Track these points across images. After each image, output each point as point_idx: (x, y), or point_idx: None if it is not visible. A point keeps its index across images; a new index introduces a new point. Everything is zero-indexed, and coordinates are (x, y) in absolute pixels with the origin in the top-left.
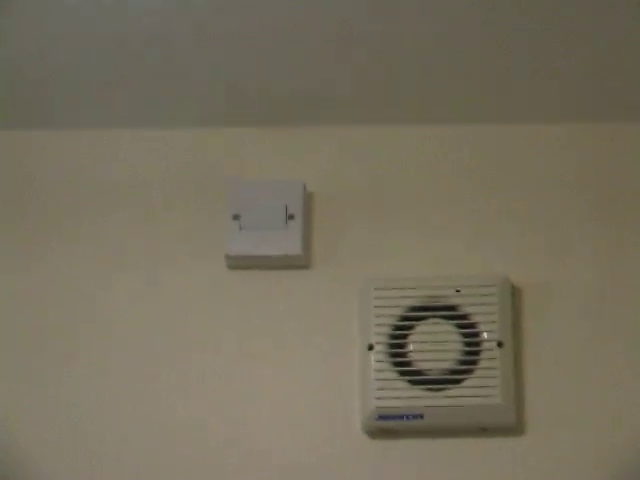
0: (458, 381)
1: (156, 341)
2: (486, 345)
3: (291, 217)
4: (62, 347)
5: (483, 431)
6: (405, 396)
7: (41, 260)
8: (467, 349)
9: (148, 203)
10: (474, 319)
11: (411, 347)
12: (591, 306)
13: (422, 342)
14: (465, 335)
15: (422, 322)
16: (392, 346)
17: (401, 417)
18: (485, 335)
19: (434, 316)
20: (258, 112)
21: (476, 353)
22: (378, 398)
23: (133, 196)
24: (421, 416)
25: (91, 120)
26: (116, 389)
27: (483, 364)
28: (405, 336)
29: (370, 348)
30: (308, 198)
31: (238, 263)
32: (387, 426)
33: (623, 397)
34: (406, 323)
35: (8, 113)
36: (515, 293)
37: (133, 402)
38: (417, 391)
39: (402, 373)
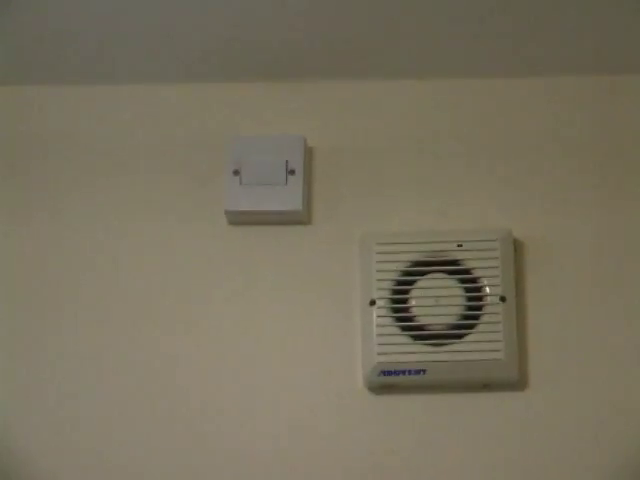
0: (460, 336)
1: (155, 296)
2: (488, 300)
3: (292, 172)
4: (61, 301)
5: (486, 386)
6: (407, 351)
7: (38, 218)
8: (469, 304)
9: (146, 158)
10: (476, 274)
11: (413, 302)
12: (593, 260)
13: (424, 297)
14: (467, 290)
15: (424, 277)
16: (394, 301)
17: (403, 372)
18: (487, 290)
19: (436, 271)
20: (258, 67)
21: (478, 308)
22: (380, 353)
23: (130, 151)
24: (423, 371)
25: (88, 76)
26: (114, 345)
27: (485, 319)
28: (407, 291)
29: (372, 303)
30: (309, 153)
31: (238, 218)
32: (389, 381)
33: (626, 353)
34: (408, 278)
35: (8, 69)
36: (517, 247)
37: (131, 356)
38: (419, 346)
39: (404, 328)
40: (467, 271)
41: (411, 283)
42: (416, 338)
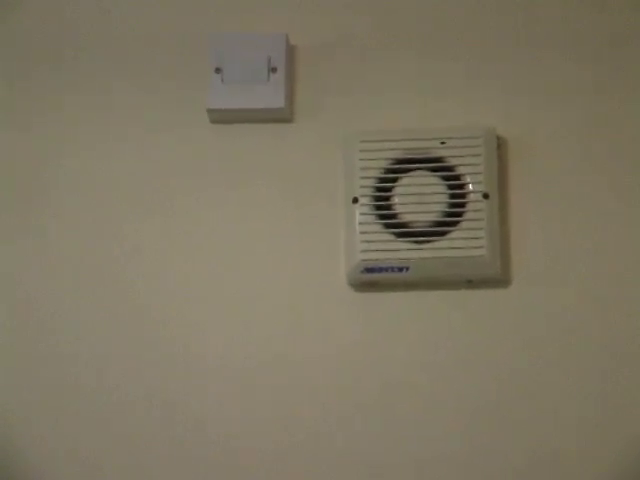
0: (444, 233)
1: (137, 195)
2: (472, 197)
3: (274, 70)
4: (41, 203)
5: (469, 283)
6: (390, 248)
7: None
8: (452, 201)
9: (126, 58)
10: (459, 171)
11: (396, 200)
12: (577, 157)
13: (407, 194)
14: (450, 187)
15: (407, 174)
16: (377, 199)
17: (386, 269)
18: (471, 187)
19: (419, 168)
20: None
21: (462, 205)
22: (363, 251)
23: (112, 51)
24: (407, 268)
25: None
26: (97, 245)
27: (469, 216)
28: (390, 189)
29: (355, 201)
30: (291, 51)
31: (220, 117)
32: (372, 279)
33: (607, 250)
34: (391, 175)
35: None
36: (501, 144)
37: (108, 260)
38: (402, 243)
39: (387, 226)
40: (450, 168)
41: (394, 181)
42: (399, 235)
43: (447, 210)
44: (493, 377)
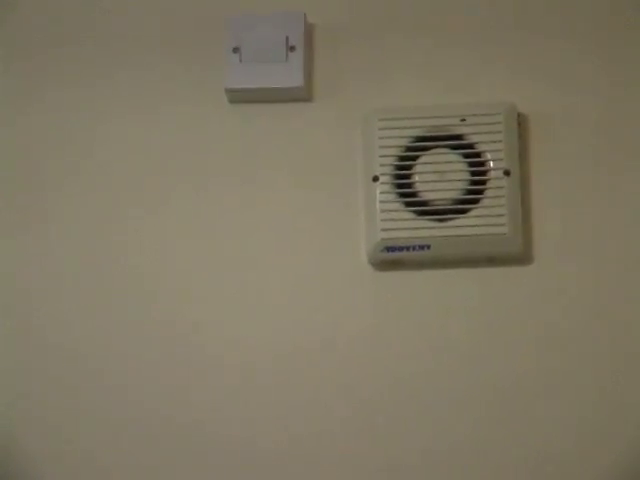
0: (465, 211)
1: (156, 174)
2: (493, 174)
3: (292, 49)
4: (59, 191)
5: (490, 261)
6: (411, 227)
7: (37, 105)
8: (473, 178)
9: (144, 38)
10: (480, 148)
11: (417, 178)
12: (598, 133)
13: (428, 172)
14: (471, 164)
15: (427, 152)
16: (397, 177)
17: (407, 248)
18: (491, 164)
19: (439, 146)
20: None
21: (482, 182)
22: (384, 229)
23: (128, 30)
24: (427, 247)
25: None
26: (99, 235)
27: (490, 193)
28: (410, 167)
29: (375, 180)
30: (309, 29)
31: (239, 96)
32: (393, 257)
33: (630, 227)
34: (411, 154)
35: None
36: (521, 121)
37: (129, 248)
38: (423, 222)
39: (408, 204)
40: (471, 145)
41: (414, 159)
42: (420, 214)
43: (468, 187)
44: (513, 356)
